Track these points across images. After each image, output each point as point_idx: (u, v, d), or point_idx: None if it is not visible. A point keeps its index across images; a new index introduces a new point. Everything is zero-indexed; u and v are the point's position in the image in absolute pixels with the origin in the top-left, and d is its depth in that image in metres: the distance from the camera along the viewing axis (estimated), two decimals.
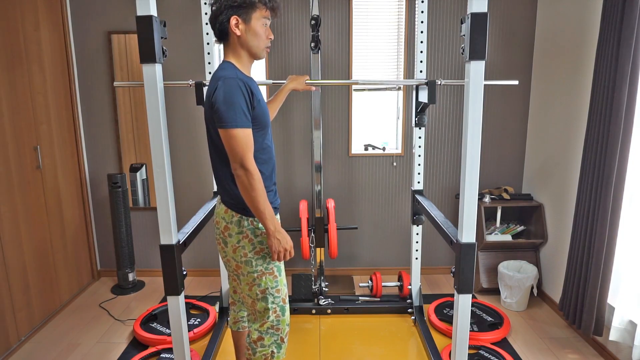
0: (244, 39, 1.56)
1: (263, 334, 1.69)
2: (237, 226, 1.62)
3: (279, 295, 1.68)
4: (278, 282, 1.68)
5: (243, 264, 1.63)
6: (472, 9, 1.42)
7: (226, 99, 1.45)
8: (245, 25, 1.55)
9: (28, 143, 2.58)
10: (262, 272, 1.64)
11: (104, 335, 2.62)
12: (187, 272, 1.85)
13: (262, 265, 1.63)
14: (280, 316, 1.69)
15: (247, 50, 1.59)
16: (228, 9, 1.52)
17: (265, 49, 1.63)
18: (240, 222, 1.62)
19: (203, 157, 3.20)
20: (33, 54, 2.63)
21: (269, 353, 1.69)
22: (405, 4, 3.02)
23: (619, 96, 2.04)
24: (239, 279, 1.69)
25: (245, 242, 1.62)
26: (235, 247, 1.63)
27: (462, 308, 1.66)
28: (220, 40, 1.61)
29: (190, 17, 3.02)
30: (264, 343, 1.69)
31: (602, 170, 2.17)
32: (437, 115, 3.19)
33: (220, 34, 1.58)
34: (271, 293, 1.66)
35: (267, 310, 1.67)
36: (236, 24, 1.54)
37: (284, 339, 1.72)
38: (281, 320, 1.69)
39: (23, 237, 2.52)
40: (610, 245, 2.17)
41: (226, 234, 1.65)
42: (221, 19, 1.54)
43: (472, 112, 1.49)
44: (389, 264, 3.39)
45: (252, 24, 1.55)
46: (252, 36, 1.56)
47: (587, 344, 2.46)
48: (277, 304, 1.68)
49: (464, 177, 1.55)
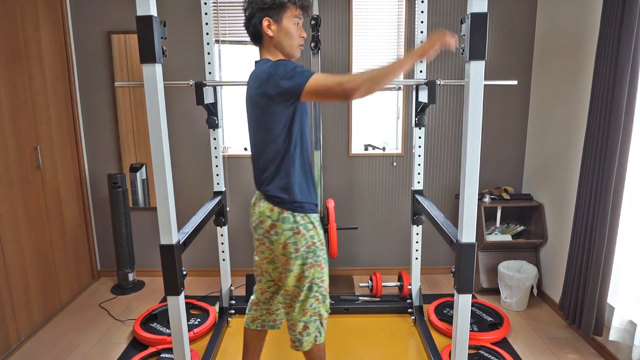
0: (277, 40, 1.62)
1: (308, 323, 1.76)
2: (286, 223, 1.64)
3: (323, 285, 1.75)
4: (323, 274, 1.74)
5: (294, 258, 1.67)
6: (472, 9, 1.42)
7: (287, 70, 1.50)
8: (277, 26, 1.61)
9: (28, 143, 2.58)
10: (312, 264, 1.69)
11: (104, 335, 2.62)
12: (187, 272, 1.85)
13: (312, 258, 1.68)
14: (321, 302, 1.76)
15: (280, 50, 1.65)
16: (260, 11, 1.59)
17: (299, 47, 1.67)
18: (291, 218, 1.64)
19: (203, 157, 3.20)
20: (33, 54, 2.63)
21: (312, 337, 1.78)
22: (405, 4, 3.02)
23: (619, 96, 2.04)
24: (285, 273, 1.71)
25: (297, 237, 1.65)
26: (286, 243, 1.66)
27: (462, 308, 1.66)
28: (255, 42, 1.68)
29: (190, 17, 3.02)
30: (309, 331, 1.76)
31: (602, 170, 2.17)
32: (437, 115, 3.19)
33: (255, 36, 1.64)
34: (316, 283, 1.72)
35: (309, 298, 1.72)
36: (268, 25, 1.60)
37: (323, 323, 1.79)
38: (322, 306, 1.77)
39: (23, 237, 2.52)
40: (610, 245, 2.17)
41: (272, 232, 1.67)
42: (254, 22, 1.61)
43: (472, 112, 1.49)
44: (389, 264, 3.39)
45: (283, 24, 1.61)
46: (285, 36, 1.62)
47: (587, 344, 2.46)
48: (320, 293, 1.75)
49: (464, 177, 1.55)
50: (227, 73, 3.19)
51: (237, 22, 3.07)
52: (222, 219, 2.57)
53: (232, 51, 3.15)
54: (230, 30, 3.09)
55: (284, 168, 1.63)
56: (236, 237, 3.31)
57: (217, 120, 2.46)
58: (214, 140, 2.52)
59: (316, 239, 1.69)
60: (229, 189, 3.24)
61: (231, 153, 3.23)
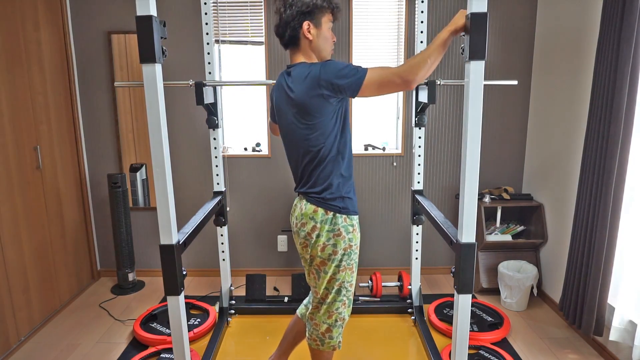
0: (315, 44, 1.64)
1: (331, 326, 1.77)
2: (328, 224, 1.65)
3: (351, 290, 1.77)
4: (353, 278, 1.76)
5: (329, 261, 1.68)
6: (472, 9, 1.42)
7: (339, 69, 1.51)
8: (317, 30, 1.63)
9: (28, 143, 2.58)
10: (344, 267, 1.70)
11: (104, 335, 2.62)
12: (187, 272, 1.85)
13: (346, 261, 1.70)
14: (346, 307, 1.78)
15: (317, 54, 1.67)
16: (300, 15, 1.60)
17: (331, 51, 1.69)
18: (333, 220, 1.65)
19: (203, 157, 3.20)
20: (33, 54, 2.63)
21: (336, 344, 1.81)
22: (405, 4, 3.02)
23: (619, 96, 2.04)
24: (318, 274, 1.73)
25: (337, 239, 1.66)
26: (325, 245, 1.67)
27: (462, 308, 1.66)
28: (288, 44, 1.67)
29: (190, 17, 3.02)
30: (332, 335, 1.79)
31: (602, 170, 2.17)
32: (437, 115, 3.19)
33: (291, 39, 1.64)
34: (345, 287, 1.73)
35: (337, 302, 1.74)
36: (308, 29, 1.62)
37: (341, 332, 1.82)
38: (346, 311, 1.78)
39: (23, 237, 2.52)
40: (610, 245, 2.17)
41: (314, 234, 1.67)
42: (293, 25, 1.61)
43: (472, 112, 1.49)
44: (389, 264, 3.39)
45: (322, 29, 1.63)
46: (323, 40, 1.64)
47: (587, 344, 2.46)
48: (347, 298, 1.76)
49: (464, 177, 1.55)
50: (227, 73, 3.19)
51: (237, 22, 3.07)
52: (222, 219, 2.57)
53: (232, 51, 3.15)
54: (230, 30, 3.09)
55: (329, 168, 1.64)
56: (236, 237, 3.32)
57: (217, 120, 2.46)
58: (214, 140, 2.52)
59: (353, 242, 1.70)
60: (229, 189, 3.24)
61: (231, 153, 3.23)
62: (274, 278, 3.34)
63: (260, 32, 3.06)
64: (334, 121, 1.61)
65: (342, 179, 1.66)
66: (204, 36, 2.44)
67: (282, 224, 3.30)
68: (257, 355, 2.41)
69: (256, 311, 2.81)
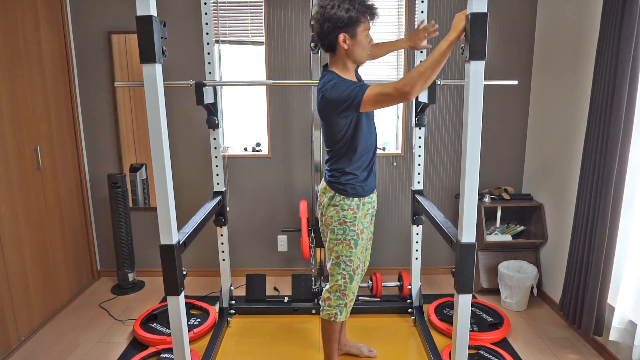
0: (350, 51, 1.78)
1: (331, 295, 2.01)
2: (330, 200, 1.93)
3: (351, 265, 1.95)
4: (352, 254, 1.94)
5: (329, 230, 1.95)
6: (472, 9, 1.42)
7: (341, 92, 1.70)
8: (352, 40, 1.76)
9: (28, 143, 2.58)
10: (340, 240, 1.93)
11: (104, 335, 2.62)
12: (187, 272, 1.85)
13: (341, 235, 1.92)
14: (347, 282, 1.97)
15: (352, 60, 1.82)
16: (336, 29, 1.72)
17: (367, 55, 1.84)
18: (333, 197, 1.92)
19: (203, 157, 3.20)
20: (33, 54, 2.63)
21: (333, 314, 2.02)
22: (405, 4, 3.02)
23: (619, 96, 2.04)
24: (325, 246, 2.02)
25: (334, 212, 1.92)
26: (327, 216, 1.95)
27: (462, 308, 1.66)
28: (327, 51, 1.84)
29: (190, 17, 3.02)
30: (331, 304, 2.01)
31: (602, 170, 2.17)
32: (437, 115, 3.19)
33: (329, 48, 1.80)
34: (344, 261, 1.95)
35: (337, 274, 1.97)
36: (344, 40, 1.75)
37: (348, 304, 2.01)
38: (348, 287, 1.98)
39: (23, 237, 2.52)
40: (610, 245, 2.17)
41: (322, 206, 1.97)
42: (330, 38, 1.75)
43: (472, 112, 1.49)
44: (389, 264, 3.39)
45: (358, 38, 1.76)
46: (359, 48, 1.78)
47: (587, 344, 2.46)
48: (347, 272, 1.96)
49: (464, 177, 1.55)
50: (227, 73, 3.19)
51: (237, 22, 3.07)
52: (222, 219, 2.57)
53: (232, 51, 3.15)
54: (230, 30, 3.09)
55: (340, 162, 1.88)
56: (236, 237, 3.32)
57: (217, 120, 2.46)
58: (214, 140, 2.52)
59: (348, 219, 1.90)
60: (229, 189, 3.24)
61: (231, 153, 3.23)
62: (274, 278, 3.34)
63: (260, 32, 3.06)
64: (345, 129, 1.81)
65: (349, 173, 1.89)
66: (204, 36, 2.44)
67: (282, 224, 3.30)
68: (257, 355, 2.41)
69: (256, 311, 2.81)
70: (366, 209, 1.97)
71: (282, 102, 3.13)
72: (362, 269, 2.05)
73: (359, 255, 1.98)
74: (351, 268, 1.96)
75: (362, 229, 1.96)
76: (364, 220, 1.97)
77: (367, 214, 1.99)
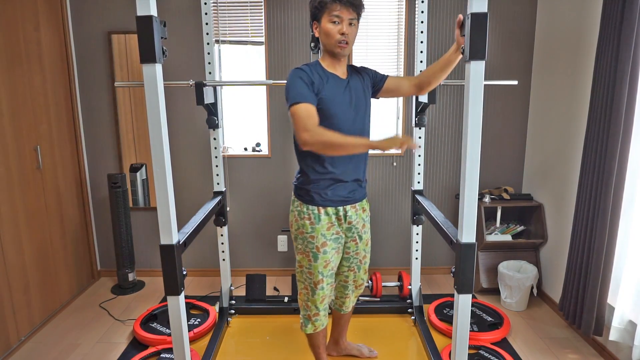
0: (321, 40, 1.78)
1: (300, 305, 2.01)
2: (292, 204, 1.92)
3: (311, 278, 1.88)
4: (312, 267, 1.87)
5: (293, 238, 1.93)
6: (472, 9, 1.42)
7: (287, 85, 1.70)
8: (320, 27, 1.75)
9: (28, 143, 2.58)
10: (300, 250, 1.89)
11: (104, 335, 2.62)
12: (187, 272, 1.86)
13: (301, 244, 1.88)
14: (309, 294, 1.92)
15: (326, 49, 1.79)
16: (311, 18, 1.78)
17: (338, 45, 1.73)
18: (294, 202, 1.90)
19: (203, 157, 3.20)
20: (33, 54, 2.63)
21: (301, 323, 2.02)
22: (405, 4, 3.02)
23: (619, 96, 2.04)
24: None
25: (293, 219, 1.90)
26: (290, 222, 1.94)
27: (462, 308, 1.66)
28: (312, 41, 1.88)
29: (190, 17, 3.02)
30: (301, 314, 2.01)
31: (602, 170, 2.17)
32: (437, 115, 3.19)
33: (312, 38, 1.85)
34: (304, 272, 1.90)
35: (300, 283, 1.95)
36: (316, 28, 1.78)
37: (312, 317, 1.97)
38: (310, 299, 1.93)
39: (23, 237, 2.52)
40: (610, 246, 2.17)
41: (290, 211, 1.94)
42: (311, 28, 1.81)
43: (472, 112, 1.49)
44: (389, 264, 3.39)
45: (322, 25, 1.73)
46: (324, 36, 1.75)
47: (587, 344, 2.46)
48: (308, 284, 1.91)
49: (464, 177, 1.55)
50: (227, 73, 3.19)
51: (237, 22, 3.07)
52: (222, 219, 2.57)
53: (232, 51, 3.15)
54: (230, 30, 3.09)
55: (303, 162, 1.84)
56: (236, 237, 3.32)
57: (217, 120, 2.46)
58: (214, 140, 2.52)
59: (305, 230, 1.84)
60: (229, 189, 3.24)
61: (231, 153, 3.23)
62: (274, 278, 3.34)
63: (260, 32, 3.06)
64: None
65: (307, 177, 1.82)
66: (204, 36, 2.44)
67: (282, 224, 3.30)
68: (257, 355, 2.41)
69: (256, 311, 2.81)
70: (331, 221, 1.85)
71: (282, 102, 3.13)
72: (327, 288, 1.91)
73: (321, 270, 1.86)
74: (312, 281, 1.88)
75: (325, 242, 1.84)
76: (327, 233, 1.84)
77: (333, 225, 1.86)
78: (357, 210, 1.93)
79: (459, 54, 1.70)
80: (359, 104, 1.83)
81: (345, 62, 1.84)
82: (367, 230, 2.02)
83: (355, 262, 2.02)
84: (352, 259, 2.01)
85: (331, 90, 1.74)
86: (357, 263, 2.03)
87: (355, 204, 1.91)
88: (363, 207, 1.97)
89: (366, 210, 2.01)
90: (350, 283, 2.08)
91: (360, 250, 2.01)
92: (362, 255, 2.02)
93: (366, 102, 1.87)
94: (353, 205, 1.91)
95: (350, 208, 1.89)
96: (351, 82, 1.82)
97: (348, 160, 1.82)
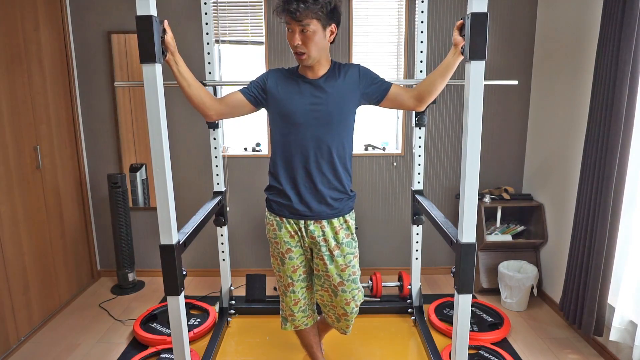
0: None
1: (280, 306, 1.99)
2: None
3: (282, 281, 1.90)
4: (281, 270, 1.88)
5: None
6: (472, 9, 1.42)
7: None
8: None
9: (28, 143, 2.58)
10: (271, 253, 1.91)
11: (104, 335, 2.62)
12: (187, 272, 1.86)
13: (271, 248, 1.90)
14: (283, 295, 1.92)
15: None
16: None
17: (296, 56, 1.69)
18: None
19: (203, 157, 3.20)
20: (33, 54, 2.63)
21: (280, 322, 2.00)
22: (405, 4, 3.02)
23: (619, 96, 2.04)
24: None
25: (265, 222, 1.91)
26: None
27: (462, 308, 1.66)
28: None
29: (190, 17, 3.02)
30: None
31: (602, 170, 2.16)
32: (437, 115, 3.19)
33: None
34: (276, 274, 1.92)
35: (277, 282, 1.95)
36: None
37: (288, 318, 1.95)
38: (284, 299, 1.93)
39: (23, 237, 2.52)
40: (610, 246, 2.17)
41: None
42: None
43: (472, 112, 1.49)
44: (389, 264, 3.39)
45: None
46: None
47: (587, 344, 2.46)
48: (280, 286, 1.93)
49: (464, 177, 1.55)
50: (227, 73, 3.19)
51: (237, 22, 3.07)
52: (222, 219, 2.57)
53: (232, 51, 3.15)
54: (230, 30, 3.09)
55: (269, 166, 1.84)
56: (236, 237, 3.31)
57: None
58: (214, 140, 2.52)
59: (270, 235, 1.86)
60: (229, 189, 3.23)
61: (231, 153, 3.23)
62: (274, 278, 3.33)
63: (260, 32, 3.06)
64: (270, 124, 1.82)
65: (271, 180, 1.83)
66: (204, 36, 2.44)
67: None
68: (257, 355, 2.41)
69: (256, 311, 2.81)
70: (292, 230, 1.78)
71: None
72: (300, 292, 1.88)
73: (290, 274, 1.84)
74: (282, 283, 1.90)
75: (289, 249, 1.80)
76: (291, 240, 1.80)
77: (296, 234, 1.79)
78: (323, 227, 1.77)
79: (458, 57, 1.61)
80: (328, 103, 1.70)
81: (321, 65, 1.72)
82: (345, 255, 1.78)
83: (328, 284, 1.83)
84: (324, 279, 1.83)
85: (287, 90, 1.74)
86: (332, 287, 1.82)
87: (321, 220, 1.77)
88: (334, 226, 1.77)
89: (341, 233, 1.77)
90: (328, 307, 1.92)
91: (333, 274, 1.78)
92: (335, 280, 1.79)
93: (343, 105, 1.72)
94: (318, 222, 1.77)
95: (313, 224, 1.77)
96: (325, 84, 1.71)
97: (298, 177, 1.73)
